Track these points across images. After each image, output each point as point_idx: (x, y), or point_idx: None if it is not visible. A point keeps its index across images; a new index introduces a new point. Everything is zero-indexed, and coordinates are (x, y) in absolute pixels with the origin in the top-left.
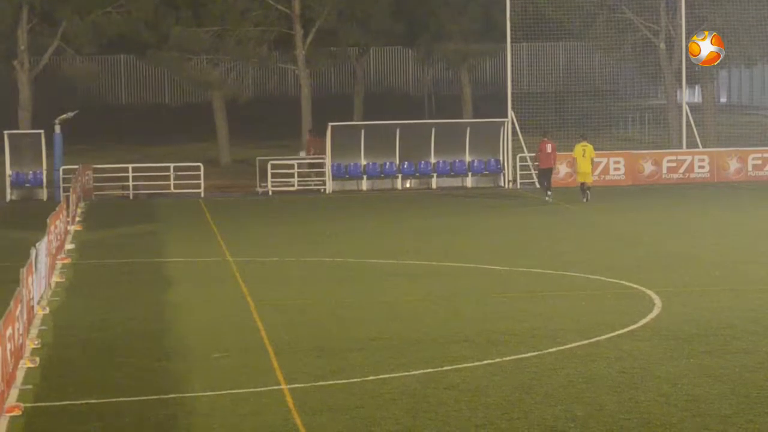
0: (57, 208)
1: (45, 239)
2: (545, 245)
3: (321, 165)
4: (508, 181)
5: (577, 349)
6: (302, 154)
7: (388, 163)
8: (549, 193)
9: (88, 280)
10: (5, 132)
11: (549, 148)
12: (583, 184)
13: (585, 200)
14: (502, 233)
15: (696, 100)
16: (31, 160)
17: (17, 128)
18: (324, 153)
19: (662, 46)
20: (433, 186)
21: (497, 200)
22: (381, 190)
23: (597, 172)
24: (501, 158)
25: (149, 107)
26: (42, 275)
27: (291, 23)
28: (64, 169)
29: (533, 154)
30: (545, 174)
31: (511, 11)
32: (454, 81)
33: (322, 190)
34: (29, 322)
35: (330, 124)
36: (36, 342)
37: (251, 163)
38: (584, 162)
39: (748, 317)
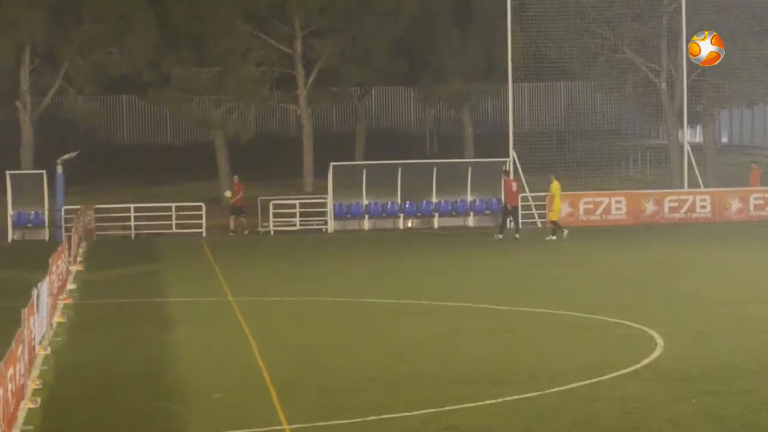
0: (59, 248)
1: (47, 279)
2: (547, 284)
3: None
4: (510, 221)
5: (578, 389)
6: (227, 194)
7: (389, 203)
8: (517, 235)
9: (89, 319)
10: (7, 172)
11: (515, 186)
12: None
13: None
14: (503, 272)
15: (697, 140)
16: (33, 200)
17: (19, 168)
18: (240, 200)
19: (663, 86)
20: (435, 225)
21: (498, 239)
22: (383, 229)
23: (599, 211)
24: (503, 198)
25: (151, 147)
26: (43, 315)
27: (293, 63)
28: (65, 209)
29: (539, 194)
30: (512, 212)
31: (512, 51)
32: (455, 120)
33: (324, 230)
34: (30, 362)
35: (332, 163)
36: (37, 382)
37: (253, 203)
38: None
39: (750, 357)
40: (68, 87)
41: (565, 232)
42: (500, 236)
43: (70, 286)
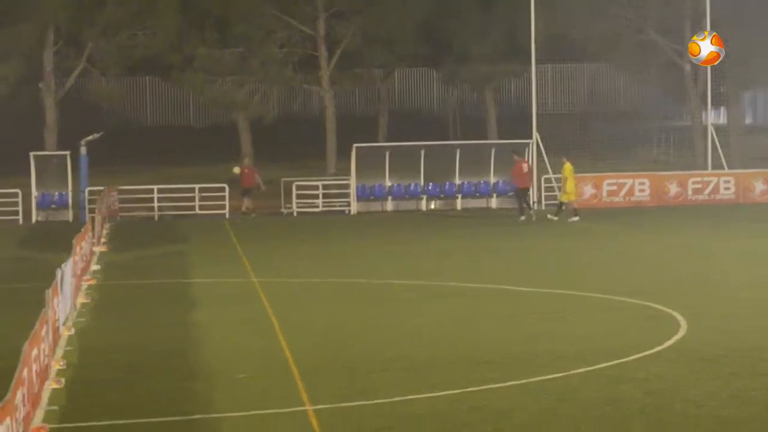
0: (82, 229)
1: (70, 260)
2: (570, 266)
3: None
4: (533, 202)
5: (602, 370)
6: (236, 170)
7: (412, 185)
8: (523, 217)
9: (113, 301)
10: (31, 153)
11: (525, 167)
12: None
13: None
14: (526, 254)
15: (721, 122)
16: (57, 181)
17: (43, 150)
18: (251, 185)
19: (687, 67)
20: (458, 207)
21: (522, 221)
22: (405, 211)
23: (622, 193)
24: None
25: (174, 128)
26: (67, 296)
27: (316, 45)
28: (89, 191)
29: (558, 175)
30: (522, 194)
31: (535, 32)
32: (478, 102)
33: (347, 211)
34: (55, 343)
35: (355, 145)
36: (61, 363)
37: (276, 184)
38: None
39: None
40: (92, 68)
41: (576, 218)
42: (523, 218)
43: (94, 267)
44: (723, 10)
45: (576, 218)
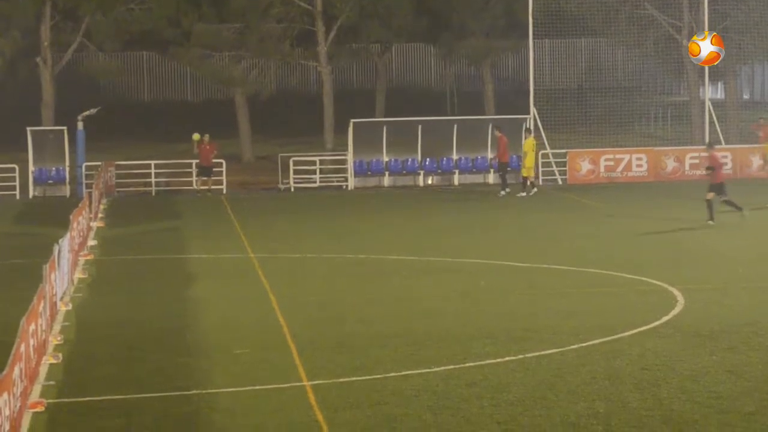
0: (79, 205)
1: (68, 236)
2: (567, 242)
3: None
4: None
5: (599, 345)
6: (196, 136)
7: (410, 160)
8: (507, 190)
9: (110, 276)
10: (28, 129)
11: (506, 141)
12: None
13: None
14: (523, 230)
15: (719, 97)
16: (54, 156)
17: (40, 125)
18: (209, 164)
19: (685, 42)
20: (455, 183)
21: (519, 197)
22: (403, 186)
23: (620, 168)
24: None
25: (171, 104)
26: (65, 271)
27: (313, 20)
28: (86, 166)
29: (560, 151)
30: (504, 167)
31: (533, 7)
32: (476, 77)
33: (344, 187)
34: (52, 318)
35: (352, 120)
36: (59, 338)
37: (273, 160)
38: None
39: None
40: (89, 43)
41: (534, 190)
42: (504, 192)
43: (91, 242)
44: None
45: (523, 194)
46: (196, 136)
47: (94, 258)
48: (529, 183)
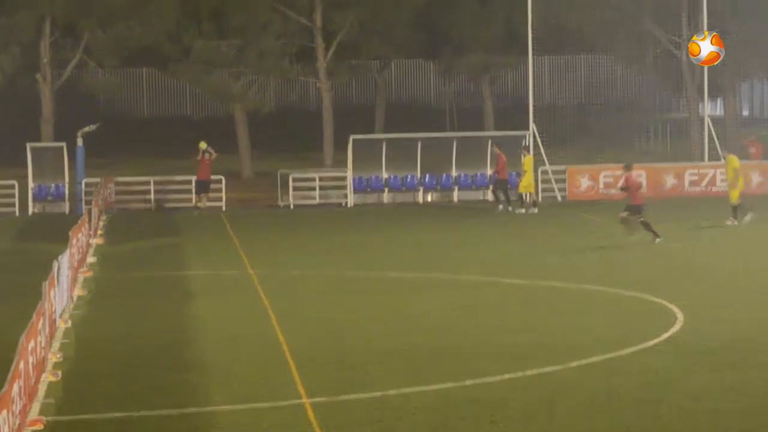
0: (79, 221)
1: (67, 252)
2: (566, 258)
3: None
4: (529, 194)
5: (598, 363)
6: (203, 144)
7: (409, 176)
8: (510, 207)
9: (109, 293)
10: (28, 145)
11: (504, 158)
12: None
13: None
14: (522, 246)
15: (718, 113)
16: (54, 173)
17: (39, 141)
18: (207, 178)
19: (684, 58)
20: (455, 199)
21: (518, 213)
22: (402, 203)
23: (619, 184)
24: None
25: (171, 120)
26: (64, 288)
27: (312, 36)
28: (86, 182)
29: (559, 167)
30: (503, 184)
31: (532, 24)
32: (475, 93)
33: (344, 203)
34: (51, 335)
35: (351, 136)
36: (58, 355)
37: (273, 176)
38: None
39: None
40: (88, 59)
41: (534, 210)
42: (507, 208)
43: (91, 259)
44: (720, 1)
45: (522, 210)
46: (203, 144)
47: (94, 275)
48: (530, 200)
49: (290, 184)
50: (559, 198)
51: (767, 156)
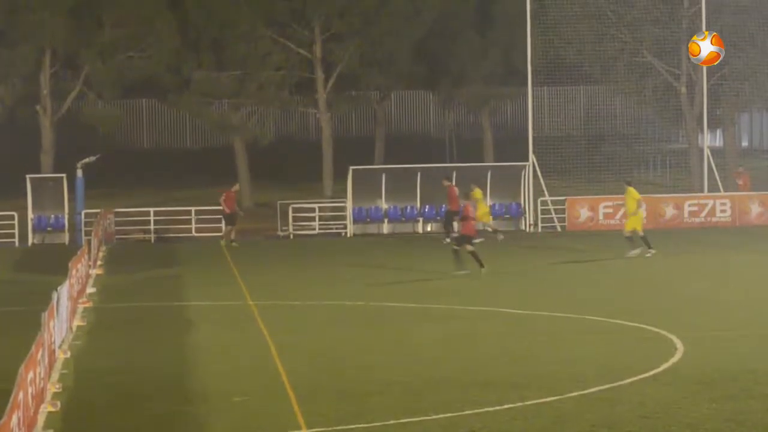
0: (78, 252)
1: (66, 283)
2: (565, 288)
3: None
4: (529, 225)
5: (598, 393)
6: (236, 187)
7: (409, 207)
8: (447, 239)
9: (109, 323)
10: (28, 176)
11: (457, 191)
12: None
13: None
14: (522, 276)
15: (717, 144)
16: (53, 204)
17: (39, 172)
18: (234, 210)
19: (683, 89)
20: (455, 230)
21: (518, 243)
22: (402, 233)
23: (618, 215)
24: (522, 202)
25: (171, 151)
26: (63, 319)
27: (312, 67)
28: (85, 213)
29: (558, 198)
30: (452, 216)
31: (532, 55)
32: (475, 124)
33: (343, 234)
34: (51, 366)
35: (351, 167)
36: (57, 386)
37: (272, 206)
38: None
39: None
40: (88, 91)
41: (501, 237)
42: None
43: (90, 289)
44: (719, 33)
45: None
46: (236, 187)
47: (93, 305)
48: (492, 230)
49: (290, 214)
50: (559, 228)
51: (755, 188)
